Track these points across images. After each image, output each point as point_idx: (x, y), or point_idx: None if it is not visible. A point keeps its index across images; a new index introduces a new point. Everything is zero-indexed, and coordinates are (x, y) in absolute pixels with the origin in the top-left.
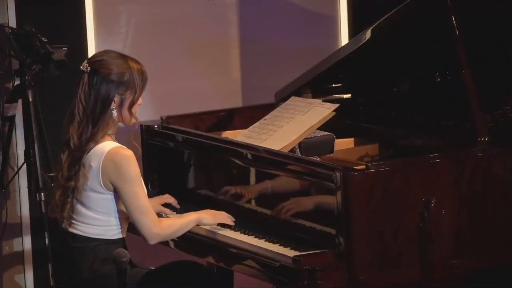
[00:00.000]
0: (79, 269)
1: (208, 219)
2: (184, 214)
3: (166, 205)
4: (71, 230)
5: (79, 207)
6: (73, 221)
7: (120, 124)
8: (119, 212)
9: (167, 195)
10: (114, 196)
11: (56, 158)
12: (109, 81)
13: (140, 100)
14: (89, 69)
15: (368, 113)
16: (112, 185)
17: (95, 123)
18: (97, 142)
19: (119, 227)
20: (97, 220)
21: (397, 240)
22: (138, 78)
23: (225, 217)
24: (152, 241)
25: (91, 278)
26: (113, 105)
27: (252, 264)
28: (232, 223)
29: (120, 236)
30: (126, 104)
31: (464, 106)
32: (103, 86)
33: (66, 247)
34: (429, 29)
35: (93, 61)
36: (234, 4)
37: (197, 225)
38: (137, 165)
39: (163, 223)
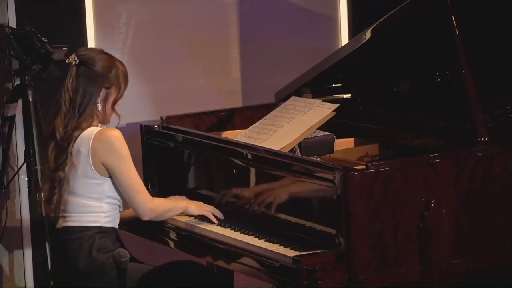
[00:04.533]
0: (75, 259)
1: (194, 209)
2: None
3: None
4: (64, 224)
5: (69, 197)
6: (65, 215)
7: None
8: (111, 198)
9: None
10: (105, 181)
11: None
12: (97, 74)
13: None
14: (77, 61)
15: (368, 113)
16: (104, 166)
17: (80, 114)
18: (82, 130)
19: (112, 214)
20: (89, 207)
21: (397, 240)
22: (122, 77)
23: (210, 212)
24: (146, 217)
25: (88, 267)
26: (99, 99)
27: (252, 264)
28: (215, 221)
29: (114, 225)
30: (111, 99)
31: (464, 106)
32: (91, 79)
33: (62, 244)
34: (429, 29)
35: (81, 54)
36: (234, 4)
37: (183, 213)
38: (126, 144)
39: (156, 200)
